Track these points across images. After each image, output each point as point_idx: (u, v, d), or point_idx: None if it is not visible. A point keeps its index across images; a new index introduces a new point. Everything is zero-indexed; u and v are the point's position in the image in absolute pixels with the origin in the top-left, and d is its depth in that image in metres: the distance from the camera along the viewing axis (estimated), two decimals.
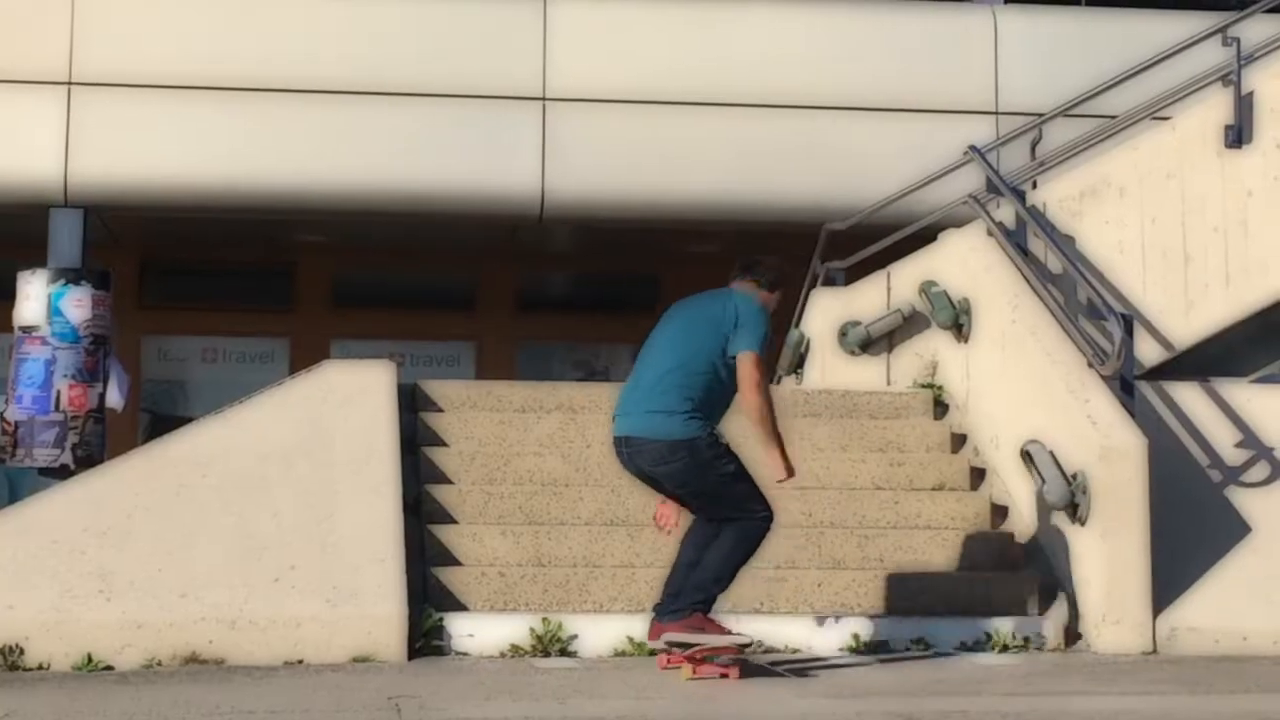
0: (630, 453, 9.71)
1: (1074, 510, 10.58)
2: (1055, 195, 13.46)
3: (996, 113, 20.79)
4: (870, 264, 14.37)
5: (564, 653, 9.95)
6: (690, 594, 9.25)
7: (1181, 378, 12.61)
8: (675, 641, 9.11)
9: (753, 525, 9.43)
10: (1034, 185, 13.98)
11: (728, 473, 9.50)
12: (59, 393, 17.47)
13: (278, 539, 10.19)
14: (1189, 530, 10.92)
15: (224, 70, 20.56)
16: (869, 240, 14.87)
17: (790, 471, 9.61)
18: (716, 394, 9.59)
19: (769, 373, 10.25)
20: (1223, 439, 11.96)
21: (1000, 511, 11.51)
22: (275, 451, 11.01)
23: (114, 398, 18.44)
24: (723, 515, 9.49)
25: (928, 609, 10.50)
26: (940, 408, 12.79)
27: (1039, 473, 10.87)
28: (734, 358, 9.46)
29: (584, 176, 21.02)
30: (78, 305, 17.81)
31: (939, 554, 10.98)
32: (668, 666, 9.21)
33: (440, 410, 12.15)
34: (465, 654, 9.85)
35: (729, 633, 9.21)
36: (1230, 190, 13.23)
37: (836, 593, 10.49)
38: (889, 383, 13.53)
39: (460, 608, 10.17)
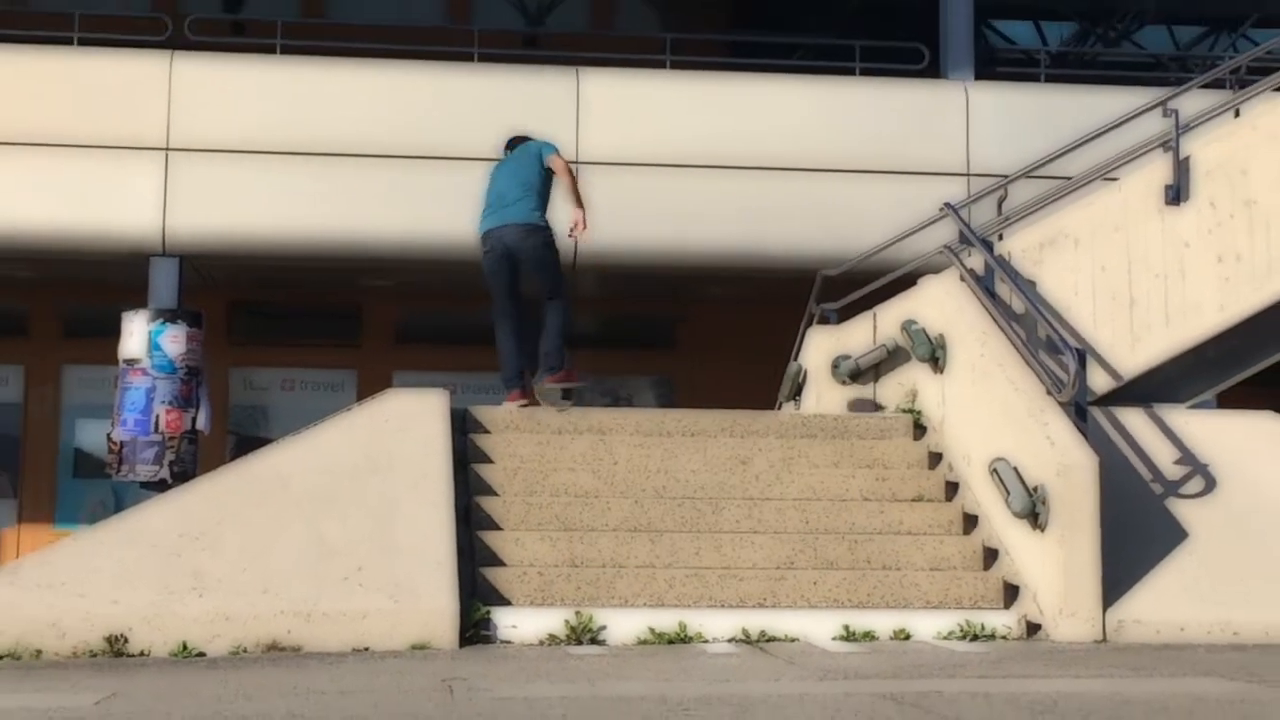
0: (501, 233, 13.04)
1: (1035, 518, 10.61)
2: (1019, 246, 13.47)
3: (968, 174, 20.81)
4: (859, 305, 14.38)
5: (594, 641, 9.99)
6: (557, 356, 13.36)
7: (1128, 404, 12.62)
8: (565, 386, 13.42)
9: (567, 299, 13.69)
10: (1000, 237, 13.99)
11: (557, 258, 13.31)
12: (158, 417, 17.53)
13: (346, 544, 10.23)
14: (1134, 535, 10.93)
15: (300, 137, 20.68)
16: (858, 284, 14.88)
17: (586, 223, 13.23)
18: (545, 199, 13.18)
19: None
20: (1163, 457, 11.97)
21: (971, 519, 11.52)
22: (344, 468, 11.06)
23: (202, 421, 18.51)
24: (553, 286, 13.30)
25: (908, 603, 10.51)
26: (919, 430, 12.80)
27: (1005, 486, 10.91)
28: (548, 164, 13.18)
29: (611, 229, 21.03)
30: (174, 341, 17.89)
31: (918, 556, 10.99)
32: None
33: (488, 432, 12.19)
34: (509, 642, 9.88)
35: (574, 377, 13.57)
36: (1169, 242, 13.24)
37: (830, 589, 10.51)
38: (875, 407, 13.54)
39: (505, 602, 10.20)
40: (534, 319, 13.26)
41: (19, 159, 20.25)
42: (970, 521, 11.51)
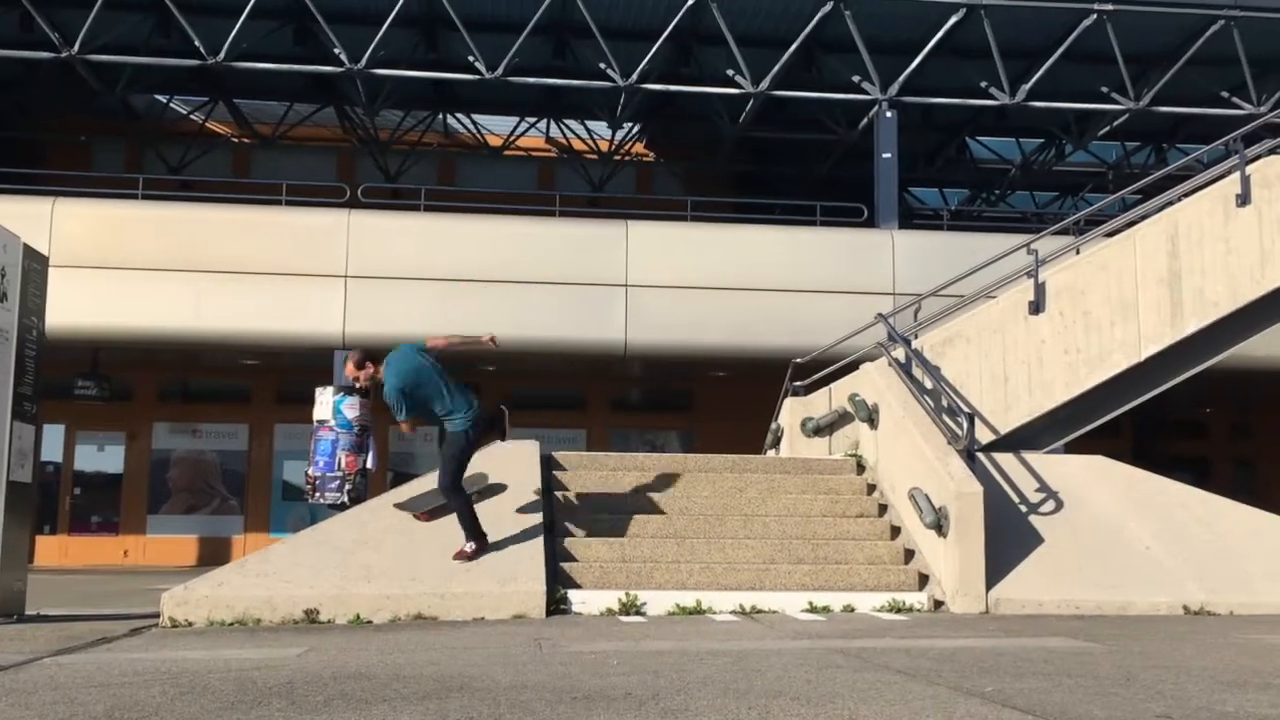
0: None
1: (940, 529, 10.63)
2: (928, 342, 13.52)
3: (894, 293, 20.94)
4: (819, 383, 14.43)
5: (638, 613, 10.00)
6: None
7: (1003, 450, 12.62)
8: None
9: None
10: (916, 336, 14.04)
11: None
12: (340, 459, 17.61)
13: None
14: (1007, 540, 10.94)
15: (434, 268, 20.90)
16: (819, 368, 14.94)
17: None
18: None
19: None
20: (1027, 487, 11.98)
21: (896, 530, 11.54)
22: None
23: (370, 463, 18.59)
24: None
25: (852, 587, 10.52)
26: (860, 468, 12.82)
27: (919, 506, 10.93)
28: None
29: (650, 331, 21.22)
30: (350, 408, 17.97)
31: (859, 554, 11.02)
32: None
33: (565, 469, 12.25)
34: (580, 614, 9.90)
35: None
36: (1031, 339, 13.29)
37: (800, 578, 10.53)
38: (830, 453, 13.57)
39: (577, 586, 10.25)
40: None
41: (249, 284, 20.56)
42: (895, 531, 11.53)
